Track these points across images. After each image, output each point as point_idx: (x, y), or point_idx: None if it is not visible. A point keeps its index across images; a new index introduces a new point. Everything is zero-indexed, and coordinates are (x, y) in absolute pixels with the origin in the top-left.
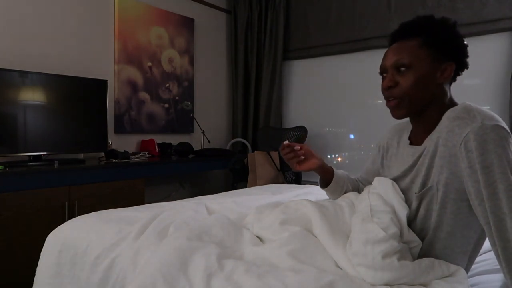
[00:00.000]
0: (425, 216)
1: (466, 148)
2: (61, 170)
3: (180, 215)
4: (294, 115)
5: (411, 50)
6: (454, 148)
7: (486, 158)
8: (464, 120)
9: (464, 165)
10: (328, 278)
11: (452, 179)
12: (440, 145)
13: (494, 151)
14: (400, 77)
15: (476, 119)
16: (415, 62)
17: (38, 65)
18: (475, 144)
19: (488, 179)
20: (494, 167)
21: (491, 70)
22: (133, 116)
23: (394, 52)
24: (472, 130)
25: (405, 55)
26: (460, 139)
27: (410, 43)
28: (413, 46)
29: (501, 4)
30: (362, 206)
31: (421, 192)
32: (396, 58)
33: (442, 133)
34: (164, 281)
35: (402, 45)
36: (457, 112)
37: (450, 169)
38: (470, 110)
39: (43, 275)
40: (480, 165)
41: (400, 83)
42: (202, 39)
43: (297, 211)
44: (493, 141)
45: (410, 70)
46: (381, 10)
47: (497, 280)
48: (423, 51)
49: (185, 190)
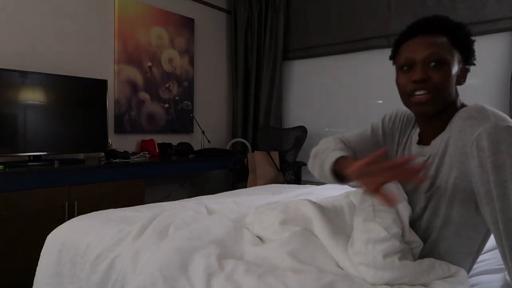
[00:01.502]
0: (432, 215)
1: (478, 147)
2: (61, 170)
3: (180, 215)
4: (294, 115)
5: (445, 47)
6: (464, 147)
7: (498, 158)
8: (477, 120)
9: (474, 164)
10: (328, 278)
11: (461, 179)
12: (451, 144)
13: (506, 152)
14: (431, 71)
15: (490, 119)
16: (450, 59)
17: (38, 65)
18: (488, 144)
19: (499, 179)
20: (506, 167)
21: (491, 70)
22: (133, 116)
23: (426, 45)
24: (485, 129)
25: (442, 50)
26: (472, 138)
27: (440, 39)
28: (445, 43)
29: (501, 4)
30: (364, 206)
31: (430, 191)
32: (430, 51)
33: (453, 133)
34: (164, 281)
35: (433, 40)
36: (470, 112)
37: (459, 168)
38: (483, 111)
39: (43, 275)
40: (492, 165)
41: (433, 78)
42: (202, 39)
43: (297, 211)
44: (506, 142)
45: (445, 67)
46: (381, 10)
47: (498, 280)
48: (455, 51)
49: (185, 190)
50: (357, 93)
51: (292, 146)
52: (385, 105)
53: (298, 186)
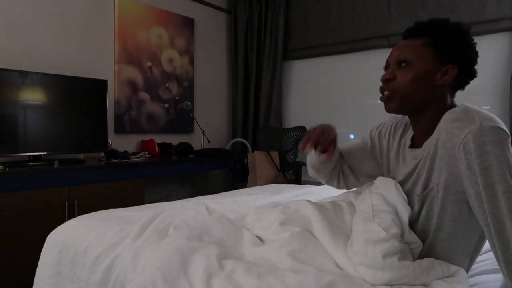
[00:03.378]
0: (427, 217)
1: (465, 150)
2: (61, 170)
3: (180, 215)
4: (294, 115)
5: (414, 48)
6: (453, 150)
7: (485, 160)
8: (463, 122)
9: (463, 166)
10: (328, 278)
11: (452, 181)
12: (440, 147)
13: (492, 153)
14: (399, 72)
15: (475, 121)
16: (415, 59)
17: (38, 65)
18: (474, 146)
19: (487, 181)
20: (493, 169)
21: (491, 70)
22: (133, 116)
23: (398, 48)
24: (471, 131)
25: (407, 51)
26: (458, 140)
27: (415, 41)
28: (416, 44)
29: (501, 4)
30: (363, 206)
31: (423, 194)
32: (398, 53)
33: (441, 135)
34: (164, 281)
35: (407, 43)
36: (456, 113)
37: (449, 170)
38: (468, 112)
39: (43, 275)
40: (479, 167)
41: (398, 78)
42: (202, 39)
43: (297, 212)
44: (491, 143)
45: (409, 67)
46: (381, 10)
47: (497, 280)
48: (426, 50)
49: (185, 190)
50: (357, 93)
51: (292, 146)
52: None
53: (298, 186)
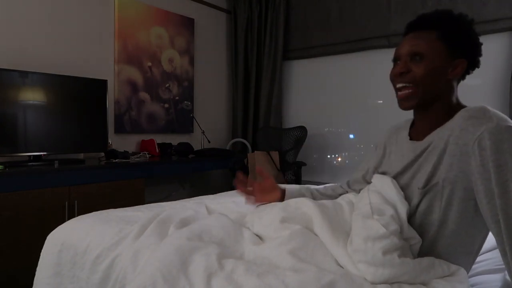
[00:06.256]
0: (425, 212)
1: (480, 146)
2: (61, 170)
3: (180, 215)
4: (294, 115)
5: (427, 41)
6: (466, 146)
7: (500, 157)
8: (478, 120)
9: (475, 163)
10: (328, 278)
11: (461, 178)
12: (451, 143)
13: (508, 151)
14: (413, 65)
15: (492, 120)
16: (430, 52)
17: (38, 65)
18: (490, 143)
19: (501, 178)
20: (508, 166)
21: (491, 70)
22: (133, 116)
23: (410, 40)
24: (487, 129)
25: (421, 44)
26: (473, 137)
27: (426, 34)
28: (429, 37)
29: (501, 4)
30: (362, 204)
31: (426, 188)
32: (411, 46)
33: (455, 131)
34: (164, 281)
35: (418, 35)
36: (472, 112)
37: (460, 167)
38: (485, 111)
39: (43, 275)
40: (494, 163)
41: (413, 71)
42: (202, 39)
43: (297, 210)
44: (507, 142)
45: (424, 60)
46: (381, 10)
47: (497, 280)
48: (439, 44)
49: (185, 190)
50: (357, 93)
51: (292, 146)
52: (385, 105)
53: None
